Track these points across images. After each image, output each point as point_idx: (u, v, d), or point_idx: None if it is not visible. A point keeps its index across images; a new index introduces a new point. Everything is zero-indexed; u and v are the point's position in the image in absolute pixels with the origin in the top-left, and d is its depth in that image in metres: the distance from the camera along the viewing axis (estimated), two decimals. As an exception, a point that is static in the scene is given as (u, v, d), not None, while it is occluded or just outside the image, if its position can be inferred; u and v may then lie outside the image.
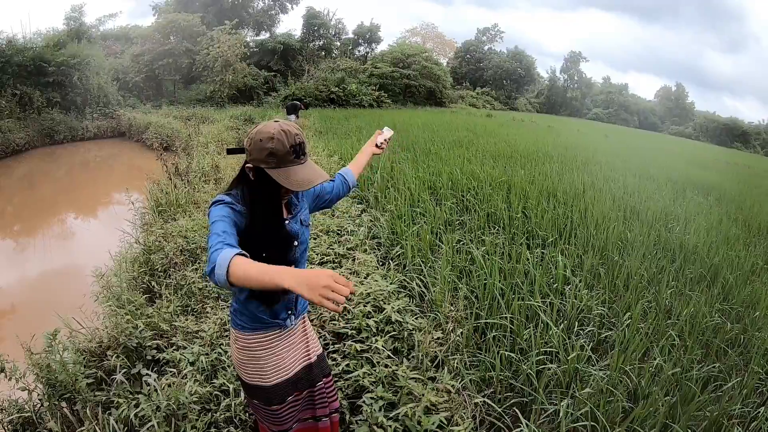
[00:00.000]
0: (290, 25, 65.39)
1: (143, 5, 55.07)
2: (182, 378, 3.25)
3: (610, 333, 4.23)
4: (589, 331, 4.19)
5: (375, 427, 2.91)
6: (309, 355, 2.48)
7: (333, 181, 2.63)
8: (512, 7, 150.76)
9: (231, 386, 3.24)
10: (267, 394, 2.29)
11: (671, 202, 9.29)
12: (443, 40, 67.09)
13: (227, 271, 1.60)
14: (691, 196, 10.88)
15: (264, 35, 42.30)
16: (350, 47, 47.86)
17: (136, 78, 29.29)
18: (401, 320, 3.91)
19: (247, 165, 2.00)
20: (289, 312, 2.31)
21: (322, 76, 34.29)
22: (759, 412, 3.51)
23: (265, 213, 2.05)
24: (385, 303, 4.14)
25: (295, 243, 2.23)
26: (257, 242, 2.01)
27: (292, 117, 18.66)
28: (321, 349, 2.60)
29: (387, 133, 2.88)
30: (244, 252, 1.71)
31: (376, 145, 2.84)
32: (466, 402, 3.23)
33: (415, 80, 40.27)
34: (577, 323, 4.22)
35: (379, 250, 5.85)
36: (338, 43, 46.29)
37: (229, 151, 2.26)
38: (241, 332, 2.23)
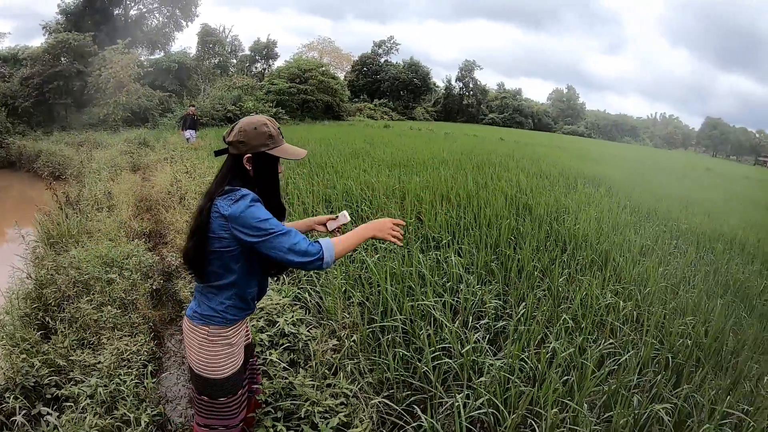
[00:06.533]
0: (185, 42, 64.29)
1: (33, 24, 52.38)
2: (81, 413, 3.18)
3: (504, 324, 4.37)
4: (484, 324, 4.31)
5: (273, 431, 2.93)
6: (248, 334, 2.80)
7: None
8: (401, 20, 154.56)
9: (132, 416, 3.22)
10: (237, 377, 2.53)
11: (563, 196, 9.65)
12: (340, 54, 67.54)
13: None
14: (582, 188, 11.38)
15: (158, 54, 41.19)
16: (247, 64, 47.46)
17: (25, 103, 27.87)
18: (295, 332, 3.93)
19: (246, 156, 2.31)
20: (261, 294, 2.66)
21: (218, 94, 33.55)
22: (656, 380, 3.71)
23: (272, 190, 2.44)
24: (278, 316, 4.14)
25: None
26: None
27: (193, 132, 18.19)
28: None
29: (343, 219, 2.80)
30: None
31: (324, 224, 2.83)
32: (363, 404, 3.26)
33: (312, 95, 40.18)
34: (471, 317, 4.35)
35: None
36: (234, 61, 45.76)
37: (218, 153, 2.53)
38: (223, 327, 2.43)
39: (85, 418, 3.09)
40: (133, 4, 40.21)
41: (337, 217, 2.82)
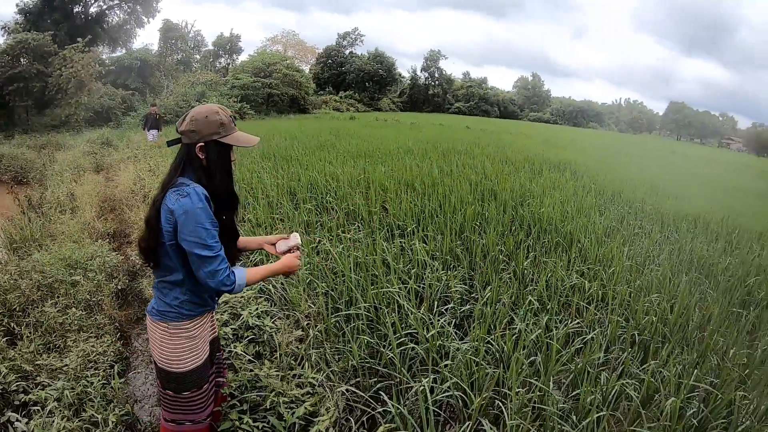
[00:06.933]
0: (147, 39, 63.43)
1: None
2: (48, 417, 3.15)
3: (470, 308, 4.40)
4: (450, 308, 4.34)
5: (238, 423, 2.93)
6: (214, 328, 2.78)
7: None
8: (365, 10, 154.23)
9: (99, 417, 3.20)
10: (201, 371, 2.53)
11: (528, 181, 9.71)
12: (304, 46, 67.27)
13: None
14: (547, 173, 11.46)
15: (120, 51, 40.39)
16: (211, 59, 46.95)
17: (-16, 107, 27.28)
18: (260, 324, 3.92)
19: (199, 145, 2.30)
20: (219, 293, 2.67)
21: (181, 90, 33.00)
22: (623, 357, 3.78)
23: (225, 179, 2.41)
24: (242, 309, 4.13)
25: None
26: (221, 206, 2.38)
27: (155, 131, 17.90)
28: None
29: (293, 240, 2.80)
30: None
31: (273, 244, 2.86)
32: (329, 393, 3.26)
33: (277, 89, 39.69)
34: (437, 303, 4.36)
35: (239, 259, 5.78)
36: (198, 56, 45.22)
37: (170, 143, 2.49)
38: (185, 321, 2.45)
39: (53, 421, 3.08)
40: (93, 1, 39.40)
41: (288, 237, 2.83)
